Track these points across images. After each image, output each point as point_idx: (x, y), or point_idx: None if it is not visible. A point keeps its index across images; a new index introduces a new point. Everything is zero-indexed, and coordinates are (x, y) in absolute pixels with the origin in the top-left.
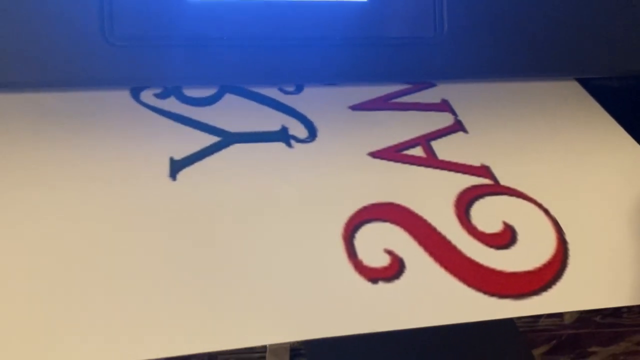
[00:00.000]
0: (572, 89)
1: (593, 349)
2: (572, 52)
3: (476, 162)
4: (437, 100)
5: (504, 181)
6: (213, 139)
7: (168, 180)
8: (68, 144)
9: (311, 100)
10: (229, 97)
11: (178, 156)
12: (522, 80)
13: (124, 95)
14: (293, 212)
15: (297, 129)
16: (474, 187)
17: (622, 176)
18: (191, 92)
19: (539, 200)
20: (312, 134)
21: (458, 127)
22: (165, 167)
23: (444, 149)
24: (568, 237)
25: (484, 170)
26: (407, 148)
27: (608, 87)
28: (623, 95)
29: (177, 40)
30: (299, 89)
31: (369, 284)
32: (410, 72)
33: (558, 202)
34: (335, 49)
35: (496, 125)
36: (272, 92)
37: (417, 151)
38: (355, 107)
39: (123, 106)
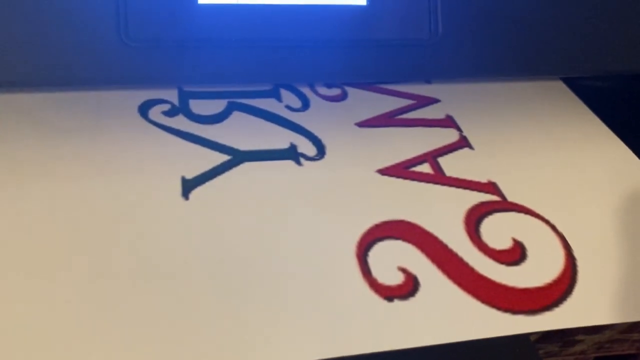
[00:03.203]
0: (564, 97)
1: (580, 337)
2: (563, 52)
3: (483, 179)
4: (442, 116)
5: (511, 197)
6: (223, 158)
7: (181, 200)
8: (76, 164)
9: (318, 117)
10: (236, 115)
11: (189, 175)
12: (514, 80)
13: (132, 113)
14: (306, 231)
15: (306, 147)
16: (483, 203)
17: (623, 188)
18: (199, 110)
19: (546, 217)
20: (321, 151)
21: (464, 143)
22: (178, 187)
23: (451, 165)
24: (576, 253)
25: (491, 187)
26: (415, 165)
27: (594, 88)
28: (609, 98)
29: (188, 41)
30: (305, 106)
31: (384, 302)
32: (406, 73)
33: (564, 218)
34: (335, 50)
35: (500, 140)
36: (279, 109)
37: (425, 168)
38: (361, 124)
39: (131, 124)
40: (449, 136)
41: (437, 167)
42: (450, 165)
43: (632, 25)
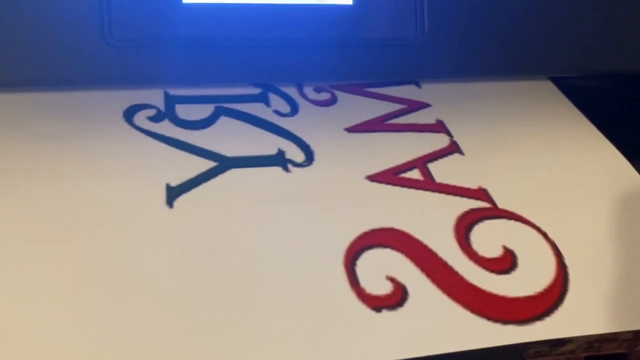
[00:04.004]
0: (554, 99)
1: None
2: (550, 52)
3: (473, 185)
4: (432, 121)
5: (501, 204)
6: (209, 164)
7: (165, 207)
8: (59, 170)
9: (306, 122)
10: (223, 120)
11: (174, 182)
12: (502, 80)
13: (117, 118)
14: (292, 240)
15: (294, 153)
16: (473, 210)
17: (614, 193)
18: (186, 115)
19: (537, 224)
20: (309, 157)
21: (454, 148)
22: (162, 194)
23: (441, 171)
24: (567, 261)
25: (481, 193)
26: (405, 171)
27: (581, 88)
28: (596, 97)
29: (173, 41)
30: (294, 111)
31: (372, 313)
32: (393, 72)
33: (555, 225)
34: (322, 50)
35: (491, 146)
36: (267, 115)
37: (415, 174)
38: (351, 129)
39: (116, 130)
40: (439, 141)
41: (427, 173)
42: (440, 171)
43: (619, 25)
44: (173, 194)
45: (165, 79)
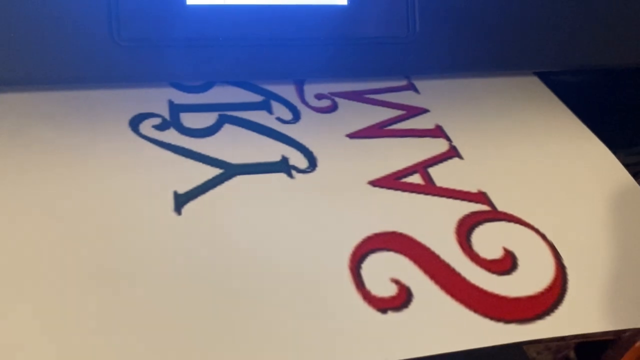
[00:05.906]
0: (547, 100)
1: None
2: (536, 47)
3: (473, 189)
4: (431, 126)
5: (501, 207)
6: (215, 171)
7: (174, 214)
8: (66, 181)
9: (309, 129)
10: (228, 128)
11: (182, 190)
12: (490, 76)
13: (123, 127)
14: (298, 245)
15: (297, 159)
16: (473, 213)
17: (607, 192)
18: (190, 123)
19: (536, 225)
20: (312, 163)
21: (453, 153)
22: (170, 202)
23: (441, 175)
24: (566, 262)
25: (481, 197)
26: (406, 175)
27: (565, 84)
28: (580, 92)
29: (178, 41)
30: (296, 118)
31: (378, 314)
32: (386, 69)
33: (553, 227)
34: (318, 49)
35: (489, 150)
36: (270, 122)
37: (416, 178)
38: (352, 136)
39: (122, 138)
40: (439, 146)
41: (427, 178)
42: (441, 175)
43: (604, 21)
44: (181, 201)
45: (170, 77)
